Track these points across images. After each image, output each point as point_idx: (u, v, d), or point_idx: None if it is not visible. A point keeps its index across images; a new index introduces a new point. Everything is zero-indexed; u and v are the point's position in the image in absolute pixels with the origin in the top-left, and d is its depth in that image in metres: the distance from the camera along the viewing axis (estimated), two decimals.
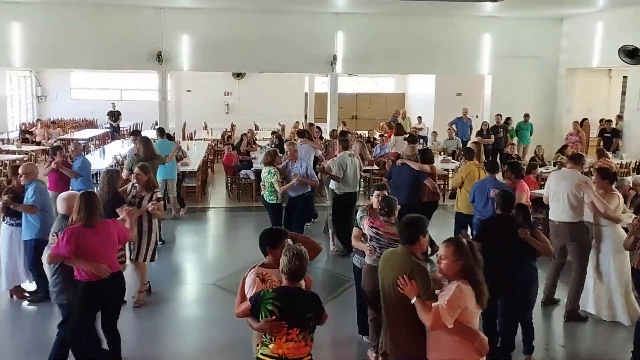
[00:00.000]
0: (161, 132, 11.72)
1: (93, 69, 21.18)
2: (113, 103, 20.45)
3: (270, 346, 3.72)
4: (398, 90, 25.59)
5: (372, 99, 25.44)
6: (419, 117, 19.58)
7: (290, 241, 4.14)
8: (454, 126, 16.54)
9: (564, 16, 16.30)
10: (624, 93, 17.64)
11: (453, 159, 14.22)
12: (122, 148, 15.38)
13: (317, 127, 13.77)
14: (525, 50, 16.42)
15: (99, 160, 12.79)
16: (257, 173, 11.71)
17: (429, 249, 5.27)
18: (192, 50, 15.39)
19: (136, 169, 7.04)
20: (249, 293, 3.91)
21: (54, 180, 8.61)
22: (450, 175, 13.20)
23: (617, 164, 12.47)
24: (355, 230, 5.74)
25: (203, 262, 8.97)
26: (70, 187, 8.50)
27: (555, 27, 16.63)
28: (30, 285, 7.12)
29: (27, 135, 17.61)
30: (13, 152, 14.68)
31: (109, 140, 18.58)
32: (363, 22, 15.83)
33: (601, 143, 14.98)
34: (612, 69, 19.16)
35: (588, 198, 6.34)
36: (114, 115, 19.74)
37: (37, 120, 19.59)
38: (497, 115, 16.01)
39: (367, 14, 15.76)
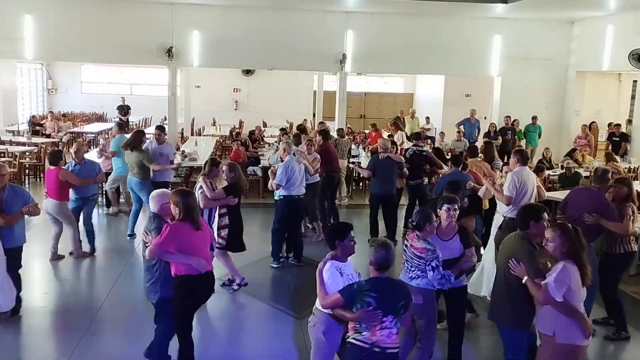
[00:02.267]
0: (121, 126, 11.10)
1: (104, 63, 21.29)
2: (123, 97, 20.57)
3: (364, 333, 3.89)
4: (407, 91, 25.58)
5: (381, 98, 25.45)
6: (427, 118, 19.57)
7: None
8: (461, 127, 16.52)
9: (575, 19, 16.26)
10: (633, 97, 17.58)
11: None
12: None
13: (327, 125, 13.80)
14: (536, 52, 16.40)
15: None
16: (265, 169, 11.76)
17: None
18: (202, 46, 15.46)
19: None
20: (333, 285, 4.11)
21: (58, 188, 7.86)
22: None
23: (625, 168, 12.44)
24: None
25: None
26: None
27: (566, 29, 16.59)
28: None
29: (37, 128, 17.73)
30: (23, 144, 14.79)
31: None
32: (373, 21, 15.85)
33: (610, 147, 14.92)
34: (622, 73, 19.05)
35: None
36: (124, 110, 19.82)
37: (49, 112, 19.70)
38: (506, 117, 16.00)
39: (377, 13, 15.78)
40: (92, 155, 11.42)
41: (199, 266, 4.80)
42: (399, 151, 11.09)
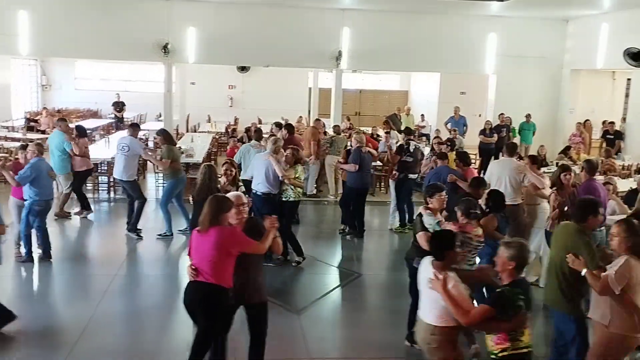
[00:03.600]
0: (63, 120, 10.69)
1: (99, 59, 21.23)
2: (117, 94, 20.49)
3: (523, 338, 3.86)
4: (402, 88, 25.61)
5: (376, 96, 25.47)
6: (422, 115, 19.63)
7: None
8: (448, 125, 16.74)
9: (570, 17, 16.34)
10: (627, 95, 17.70)
11: None
12: None
13: (323, 122, 13.84)
14: (530, 50, 16.47)
15: (105, 150, 12.93)
16: None
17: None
18: (198, 43, 15.44)
19: (226, 165, 7.34)
20: (461, 296, 3.99)
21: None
22: None
23: (619, 165, 12.54)
24: (425, 235, 5.35)
25: None
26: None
27: (561, 27, 16.68)
28: None
29: (32, 124, 17.66)
30: (18, 140, 14.74)
31: (113, 131, 18.64)
32: (369, 19, 15.87)
33: (604, 144, 15.03)
34: (616, 71, 19.17)
35: (527, 180, 7.65)
36: (119, 106, 19.79)
37: (43, 108, 19.62)
38: (501, 114, 16.07)
39: (373, 10, 15.80)
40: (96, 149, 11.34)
41: (187, 271, 4.63)
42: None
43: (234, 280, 4.54)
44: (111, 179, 12.07)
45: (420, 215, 5.64)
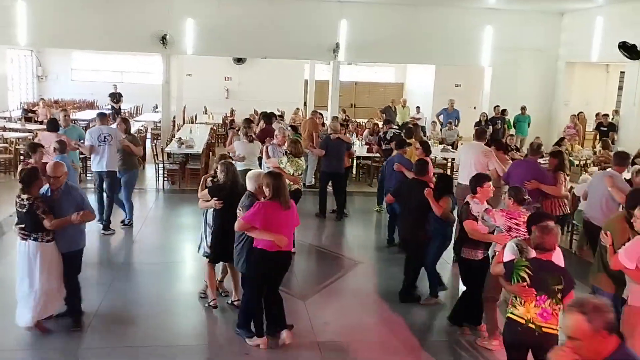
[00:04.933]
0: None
1: (98, 50, 21.23)
2: (115, 85, 20.52)
3: (520, 309, 4.25)
4: (397, 80, 25.74)
5: (371, 88, 25.60)
6: (417, 107, 19.76)
7: None
8: (440, 117, 16.93)
9: (565, 10, 16.50)
10: (620, 88, 17.90)
11: (453, 148, 14.45)
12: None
13: (320, 113, 13.97)
14: (526, 43, 16.62)
15: None
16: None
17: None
18: (196, 35, 15.49)
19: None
20: (507, 257, 4.63)
21: None
22: (449, 164, 13.58)
23: None
24: (472, 223, 5.72)
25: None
26: None
27: (556, 21, 16.83)
28: None
29: (29, 114, 17.67)
30: (16, 130, 14.79)
31: (110, 122, 18.63)
32: (366, 11, 15.97)
33: (598, 136, 15.24)
34: (610, 64, 19.40)
35: (492, 165, 8.12)
36: (116, 97, 19.81)
37: (40, 99, 19.62)
38: (496, 106, 16.24)
39: (370, 2, 15.90)
40: None
41: (280, 242, 5.27)
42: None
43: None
44: None
45: (467, 203, 5.87)
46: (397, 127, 13.03)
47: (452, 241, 6.67)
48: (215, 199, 6.05)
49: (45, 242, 5.40)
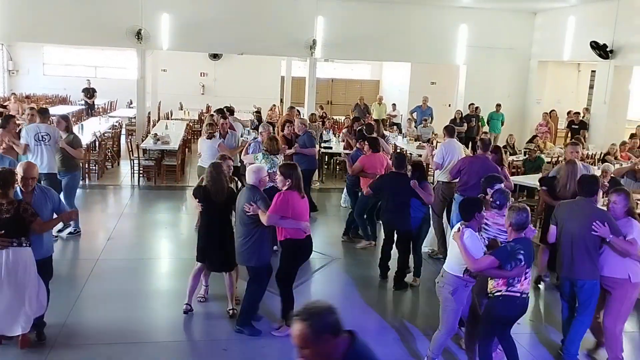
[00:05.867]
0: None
1: (71, 45, 20.90)
2: (88, 80, 20.28)
3: (517, 285, 4.72)
4: (373, 77, 25.88)
5: (348, 84, 25.70)
6: (394, 105, 19.90)
7: None
8: (414, 114, 17.10)
9: (538, 9, 16.76)
10: (591, 87, 18.24)
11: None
12: (99, 125, 15.38)
13: (297, 110, 13.99)
14: (500, 41, 16.86)
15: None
16: None
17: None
18: (172, 30, 15.35)
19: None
20: (475, 250, 4.78)
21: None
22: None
23: (584, 154, 12.98)
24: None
25: (180, 239, 9.06)
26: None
27: (529, 20, 17.09)
28: None
29: (0, 110, 17.34)
30: None
31: (84, 117, 18.45)
32: (343, 8, 16.01)
33: (569, 134, 15.52)
34: (582, 63, 19.75)
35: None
36: (89, 92, 19.58)
37: (11, 94, 19.28)
38: (470, 104, 16.44)
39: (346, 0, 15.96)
40: None
41: (306, 229, 5.60)
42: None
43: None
44: (86, 165, 12.07)
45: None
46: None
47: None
48: (197, 200, 6.03)
49: (28, 246, 5.08)
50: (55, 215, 5.46)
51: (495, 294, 4.79)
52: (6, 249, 4.97)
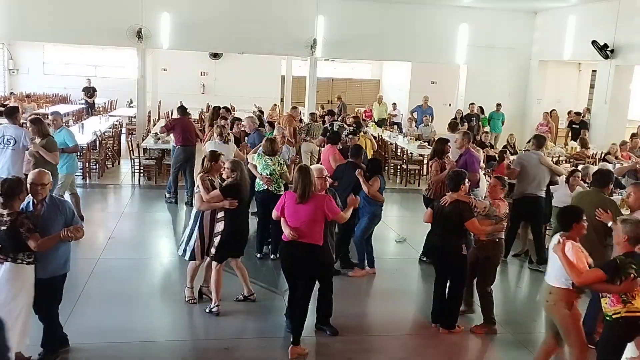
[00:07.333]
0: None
1: (71, 44, 20.89)
2: (88, 79, 20.27)
3: (634, 302, 4.27)
4: (374, 77, 25.87)
5: (348, 84, 25.68)
6: (394, 104, 19.90)
7: None
8: (414, 113, 17.10)
9: (538, 9, 16.76)
10: (592, 86, 18.25)
11: (429, 145, 14.57)
12: (99, 124, 15.38)
13: (299, 110, 14.00)
14: (500, 41, 16.86)
15: (79, 136, 12.79)
16: None
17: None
18: (172, 29, 15.35)
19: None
20: (577, 260, 4.52)
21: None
22: (425, 160, 13.67)
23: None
24: (474, 223, 5.91)
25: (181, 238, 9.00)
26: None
27: (529, 19, 17.10)
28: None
29: (0, 109, 17.33)
30: None
31: (85, 117, 18.45)
32: (343, 7, 16.02)
33: (570, 134, 15.53)
34: (582, 63, 19.74)
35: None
36: (89, 91, 19.58)
37: (11, 93, 19.27)
38: (471, 104, 16.44)
39: None
40: None
41: (284, 230, 5.44)
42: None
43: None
44: (86, 165, 12.07)
45: (460, 202, 5.95)
46: (338, 120, 13.00)
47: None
48: (229, 198, 5.97)
49: (25, 264, 4.57)
50: None
51: (614, 316, 4.34)
52: (1, 264, 4.53)
